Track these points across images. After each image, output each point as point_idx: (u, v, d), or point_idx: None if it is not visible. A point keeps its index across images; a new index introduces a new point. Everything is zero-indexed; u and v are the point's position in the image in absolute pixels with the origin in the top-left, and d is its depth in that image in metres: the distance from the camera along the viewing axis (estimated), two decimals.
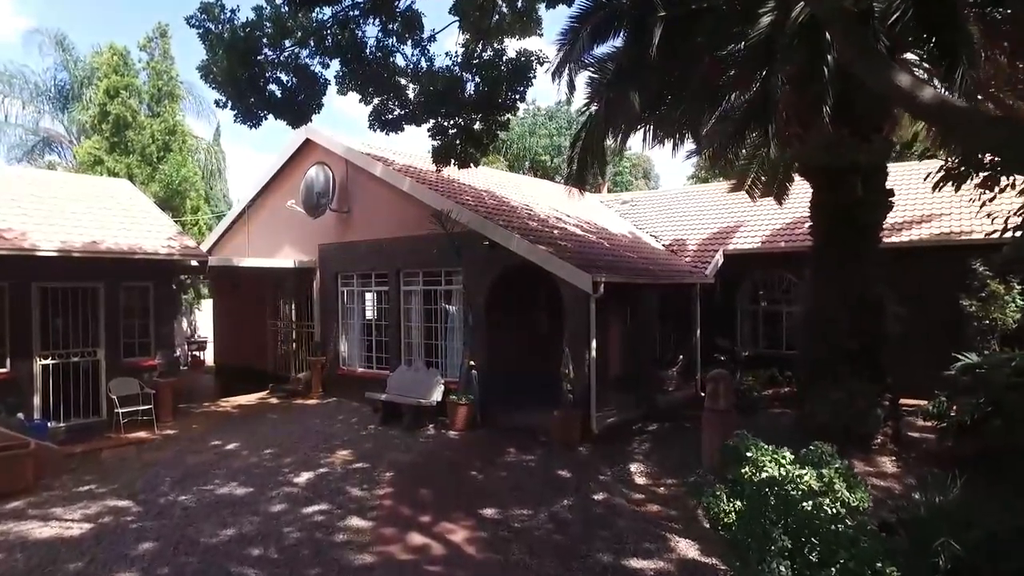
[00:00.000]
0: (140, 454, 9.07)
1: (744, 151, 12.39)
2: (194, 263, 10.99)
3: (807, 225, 9.99)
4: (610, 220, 16.31)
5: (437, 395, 10.61)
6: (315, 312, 13.83)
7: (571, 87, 10.02)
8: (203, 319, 19.53)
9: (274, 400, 13.36)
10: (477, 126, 9.77)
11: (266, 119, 8.95)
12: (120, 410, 9.91)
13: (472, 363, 10.52)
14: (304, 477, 7.94)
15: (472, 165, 10.05)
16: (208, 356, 19.14)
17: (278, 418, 11.46)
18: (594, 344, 9.57)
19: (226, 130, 56.82)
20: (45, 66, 23.78)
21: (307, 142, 13.82)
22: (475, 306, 10.73)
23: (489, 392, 10.60)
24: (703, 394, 13.50)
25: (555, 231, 11.87)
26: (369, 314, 13.89)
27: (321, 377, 13.37)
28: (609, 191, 24.01)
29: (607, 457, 8.71)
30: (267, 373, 15.04)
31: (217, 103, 8.69)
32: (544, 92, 63.59)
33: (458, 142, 9.74)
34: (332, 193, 12.90)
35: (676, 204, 17.84)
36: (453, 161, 9.74)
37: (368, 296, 13.82)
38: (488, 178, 16.09)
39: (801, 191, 11.77)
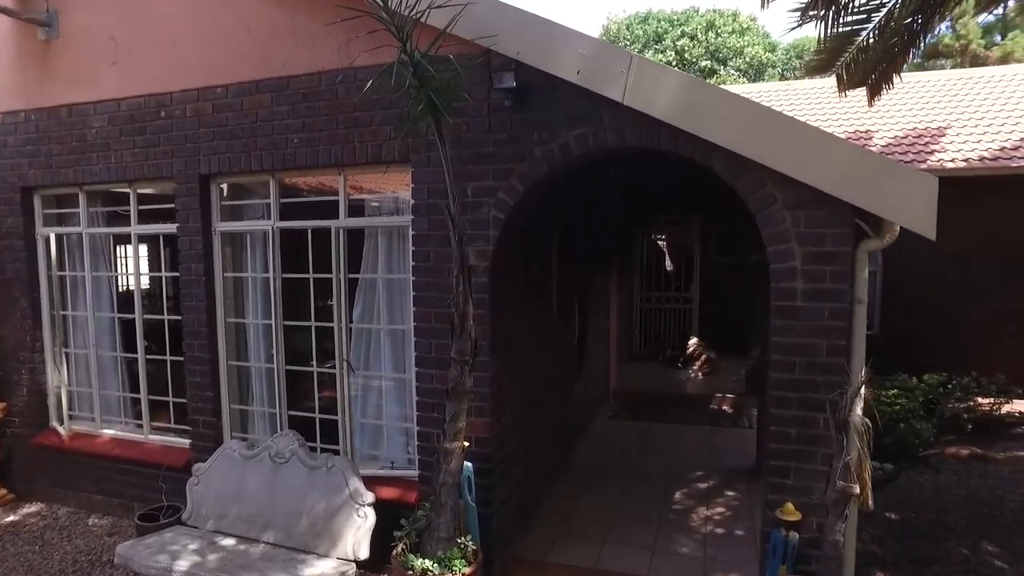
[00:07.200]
0: None
1: None
2: None
3: None
4: None
5: (355, 544, 3.53)
6: None
7: None
8: None
9: None
10: None
11: None
12: None
13: (465, 442, 3.56)
14: None
15: None
16: None
17: None
18: (862, 385, 3.24)
19: None
20: None
21: None
22: (473, 273, 3.67)
23: (504, 502, 3.81)
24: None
25: None
26: (129, 293, 6.00)
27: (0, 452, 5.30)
28: None
29: None
30: None
31: None
32: None
33: None
34: None
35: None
36: None
37: (126, 251, 5.92)
38: None
39: None
